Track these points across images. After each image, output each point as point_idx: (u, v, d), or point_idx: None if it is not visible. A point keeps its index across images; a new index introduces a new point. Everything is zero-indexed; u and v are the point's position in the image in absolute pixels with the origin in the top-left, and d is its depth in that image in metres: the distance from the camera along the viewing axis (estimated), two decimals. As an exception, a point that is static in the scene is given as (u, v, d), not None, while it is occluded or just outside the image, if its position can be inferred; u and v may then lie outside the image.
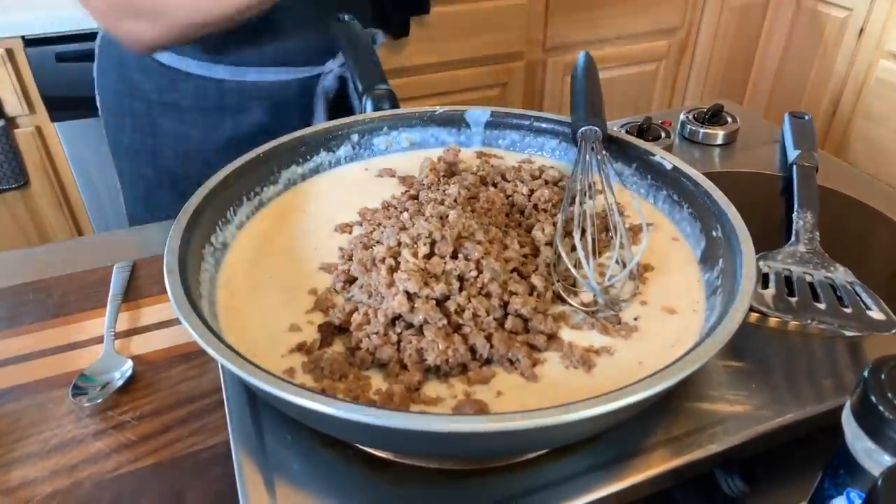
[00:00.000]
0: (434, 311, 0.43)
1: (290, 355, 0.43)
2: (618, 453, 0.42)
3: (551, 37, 1.81)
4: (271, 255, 0.52)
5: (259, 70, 0.79)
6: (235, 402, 0.44)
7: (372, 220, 0.55)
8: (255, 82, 0.79)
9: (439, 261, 0.46)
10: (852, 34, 1.77)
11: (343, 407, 0.33)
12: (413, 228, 0.49)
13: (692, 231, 0.53)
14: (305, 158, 0.61)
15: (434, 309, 0.43)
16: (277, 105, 0.81)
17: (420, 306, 0.43)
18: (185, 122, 0.81)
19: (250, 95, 0.80)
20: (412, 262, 0.45)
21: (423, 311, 0.43)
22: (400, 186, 0.60)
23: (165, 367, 0.53)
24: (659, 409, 0.44)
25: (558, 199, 0.57)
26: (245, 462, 0.41)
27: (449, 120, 0.66)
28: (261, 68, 0.78)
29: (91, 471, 0.45)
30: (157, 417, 0.49)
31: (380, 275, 0.45)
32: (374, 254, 0.48)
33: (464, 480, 0.41)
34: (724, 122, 0.79)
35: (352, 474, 0.41)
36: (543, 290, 0.47)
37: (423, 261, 0.46)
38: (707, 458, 0.42)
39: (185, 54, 0.78)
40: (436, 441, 0.36)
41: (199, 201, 0.50)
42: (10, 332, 0.56)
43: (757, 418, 0.44)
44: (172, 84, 0.80)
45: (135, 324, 0.57)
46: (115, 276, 0.61)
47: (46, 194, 1.47)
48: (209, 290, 0.47)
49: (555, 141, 0.64)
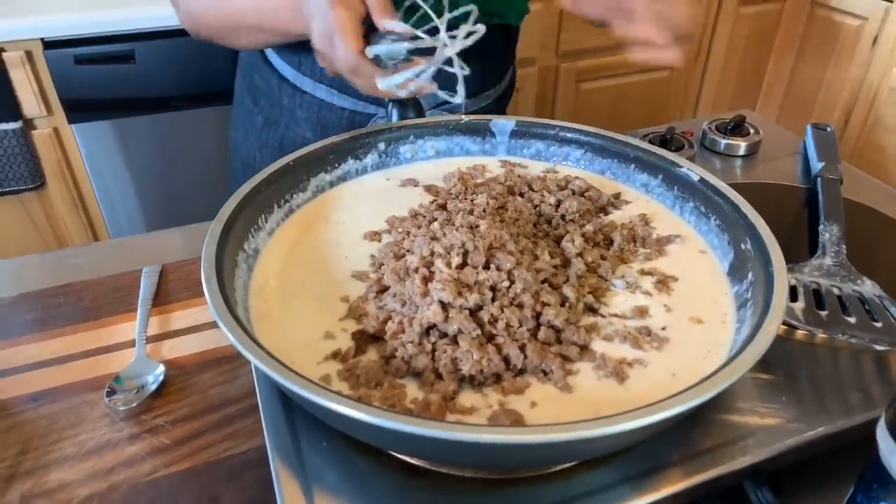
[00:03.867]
0: (468, 321, 0.43)
1: (325, 363, 0.43)
2: (649, 465, 0.42)
3: (564, 43, 1.81)
4: (302, 263, 0.52)
5: (315, 84, 0.78)
6: (270, 409, 0.45)
7: (401, 229, 0.55)
8: (310, 94, 0.79)
9: (472, 271, 0.47)
10: (866, 43, 1.77)
11: (387, 417, 0.33)
12: (445, 238, 0.49)
13: (720, 243, 0.53)
14: (333, 166, 0.62)
15: (468, 319, 0.44)
16: (324, 126, 0.80)
17: (454, 316, 0.43)
18: (256, 107, 0.83)
19: (301, 104, 0.80)
20: (446, 272, 0.46)
21: (458, 320, 0.43)
22: (425, 195, 0.61)
23: (196, 371, 0.54)
24: (690, 421, 0.45)
25: (586, 209, 0.57)
26: (282, 469, 0.41)
27: (474, 129, 0.67)
28: (317, 83, 0.78)
29: (127, 474, 0.46)
30: (189, 422, 0.49)
31: (414, 284, 0.46)
32: (408, 263, 0.48)
33: (497, 489, 0.41)
34: (746, 132, 0.79)
35: (388, 482, 0.41)
36: (575, 301, 0.47)
37: (456, 271, 0.46)
38: (738, 470, 0.43)
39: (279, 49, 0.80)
40: (474, 451, 0.36)
41: (232, 208, 0.50)
42: (43, 335, 0.57)
43: (788, 431, 0.44)
44: (253, 66, 0.83)
45: (165, 328, 0.58)
46: (144, 280, 0.62)
47: (62, 196, 1.48)
48: (243, 296, 0.48)
49: (580, 151, 0.65)
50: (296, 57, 0.77)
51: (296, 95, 0.79)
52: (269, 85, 0.81)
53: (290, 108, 0.80)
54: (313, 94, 0.78)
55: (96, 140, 1.46)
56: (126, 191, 1.54)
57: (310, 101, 0.79)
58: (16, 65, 1.31)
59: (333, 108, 0.78)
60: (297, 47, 0.76)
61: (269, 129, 0.83)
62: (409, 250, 0.51)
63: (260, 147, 0.84)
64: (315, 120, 0.79)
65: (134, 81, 1.42)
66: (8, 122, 1.35)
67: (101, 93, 1.42)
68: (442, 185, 0.62)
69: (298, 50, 0.77)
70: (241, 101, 0.87)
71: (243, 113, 0.86)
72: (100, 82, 1.40)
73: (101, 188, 1.52)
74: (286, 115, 0.81)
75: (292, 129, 0.81)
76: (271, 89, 0.81)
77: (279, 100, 0.81)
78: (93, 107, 1.42)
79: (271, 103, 0.82)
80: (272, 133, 0.83)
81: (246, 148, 0.87)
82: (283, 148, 0.82)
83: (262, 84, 0.82)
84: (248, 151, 0.86)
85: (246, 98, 0.85)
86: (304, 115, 0.80)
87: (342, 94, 0.78)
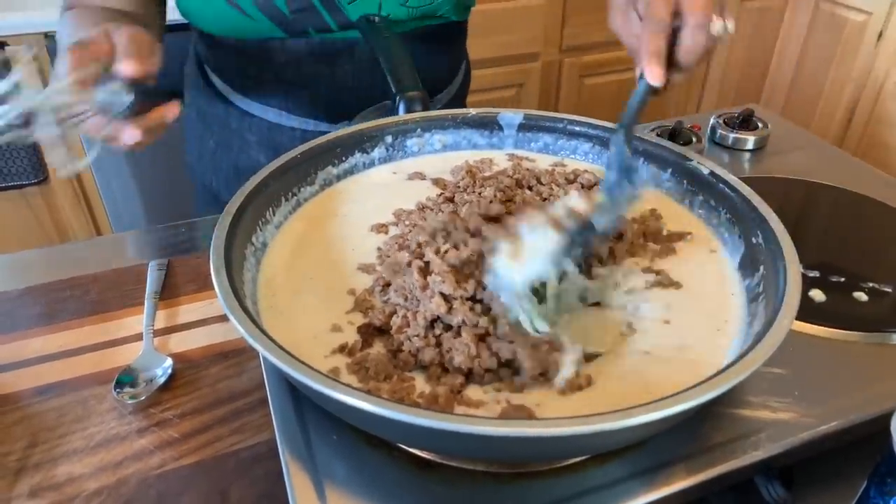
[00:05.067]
0: (471, 313, 0.43)
1: (333, 356, 0.43)
2: (660, 460, 0.42)
3: (568, 38, 1.81)
4: (309, 256, 0.52)
5: (263, 108, 0.76)
6: (279, 402, 0.45)
7: (408, 222, 0.55)
8: (259, 117, 0.77)
9: (456, 252, 0.46)
10: (871, 38, 1.76)
11: (401, 410, 0.33)
12: (426, 223, 0.49)
13: (730, 237, 0.53)
14: (341, 159, 0.61)
15: (472, 311, 0.43)
16: (277, 148, 0.78)
17: (458, 307, 0.43)
18: (208, 132, 0.81)
19: (251, 128, 0.77)
20: (438, 262, 0.45)
21: (462, 311, 0.43)
22: (433, 188, 0.61)
23: (204, 365, 0.53)
24: (701, 415, 0.44)
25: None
26: (292, 463, 0.41)
27: (481, 122, 0.66)
28: (265, 107, 0.76)
29: (136, 468, 0.45)
30: (198, 415, 0.49)
31: (412, 278, 0.46)
32: (398, 258, 0.48)
33: (508, 483, 0.41)
34: (754, 126, 0.79)
35: (398, 475, 0.41)
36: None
37: (447, 261, 0.46)
38: (749, 465, 0.42)
39: (208, 62, 0.78)
40: (487, 444, 0.36)
41: (241, 201, 0.50)
42: (50, 329, 0.57)
43: (801, 426, 0.44)
44: (199, 89, 0.80)
45: (172, 322, 0.58)
46: (150, 273, 0.62)
47: (65, 190, 1.48)
48: (252, 290, 0.48)
49: (588, 144, 0.64)
50: (240, 80, 0.75)
51: (244, 119, 0.77)
52: (217, 109, 0.79)
53: (239, 133, 0.78)
54: (262, 116, 0.76)
55: (99, 135, 1.45)
56: (129, 186, 1.54)
57: (259, 124, 0.77)
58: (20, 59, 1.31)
59: (284, 130, 0.77)
60: (241, 69, 0.74)
61: (221, 154, 0.81)
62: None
63: (214, 171, 0.82)
64: (267, 143, 0.77)
65: (137, 76, 1.41)
66: (11, 116, 1.34)
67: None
68: (450, 179, 0.62)
69: (241, 73, 0.75)
70: (192, 124, 0.84)
71: (195, 136, 0.84)
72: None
73: (104, 183, 1.51)
74: (237, 139, 0.78)
75: (245, 153, 0.79)
76: (219, 114, 0.79)
77: (228, 124, 0.78)
78: (96, 101, 1.42)
79: (221, 126, 0.79)
80: (225, 157, 0.80)
81: (201, 172, 0.84)
82: (239, 172, 0.80)
83: (210, 108, 0.80)
84: (203, 175, 0.84)
85: (196, 121, 0.83)
86: (255, 139, 0.78)
87: (291, 115, 0.76)
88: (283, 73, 0.73)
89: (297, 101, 0.75)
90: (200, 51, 0.80)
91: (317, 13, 0.69)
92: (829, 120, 1.92)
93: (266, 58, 0.73)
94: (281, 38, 0.71)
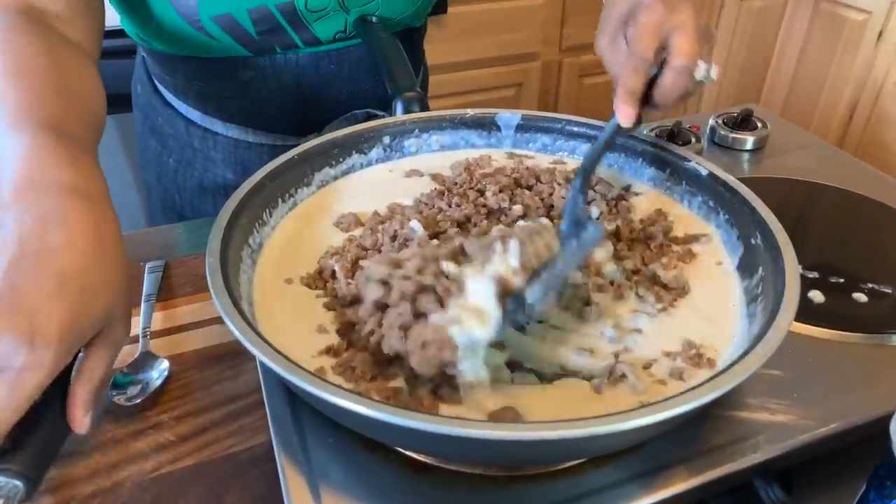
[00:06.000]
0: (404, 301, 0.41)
1: (320, 357, 0.43)
2: (658, 462, 0.42)
3: (567, 37, 1.80)
4: (299, 254, 0.52)
5: (226, 125, 0.75)
6: (276, 405, 0.44)
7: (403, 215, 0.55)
8: (222, 134, 0.75)
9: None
10: (871, 37, 1.76)
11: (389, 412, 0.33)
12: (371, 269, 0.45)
13: (728, 238, 0.53)
14: (338, 160, 0.61)
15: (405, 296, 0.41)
16: (244, 165, 0.76)
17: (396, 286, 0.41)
18: (166, 151, 0.79)
19: (215, 146, 0.76)
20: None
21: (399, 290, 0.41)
22: (431, 184, 0.60)
23: (200, 367, 0.53)
24: (699, 418, 0.44)
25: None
26: (288, 466, 0.41)
27: (479, 123, 0.66)
28: (228, 124, 0.75)
29: (131, 471, 0.45)
30: (194, 418, 0.49)
31: None
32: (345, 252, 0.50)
33: (505, 486, 0.41)
34: (753, 127, 0.78)
35: (394, 478, 0.41)
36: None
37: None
38: (748, 468, 0.42)
39: (163, 82, 0.76)
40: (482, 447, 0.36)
41: (236, 203, 0.50)
42: (46, 331, 0.56)
43: (800, 428, 0.43)
44: (153, 108, 0.78)
45: (168, 323, 0.57)
46: (147, 275, 0.62)
47: (64, 190, 1.48)
48: (248, 291, 0.47)
49: (586, 145, 0.64)
50: (199, 98, 0.74)
51: (207, 138, 0.75)
52: (176, 128, 0.76)
53: (203, 151, 0.76)
54: (226, 134, 0.75)
55: (97, 135, 1.45)
56: (127, 187, 1.54)
57: (223, 142, 0.75)
58: None
59: (251, 146, 0.75)
60: (200, 88, 0.72)
61: (184, 172, 0.78)
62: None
63: (178, 190, 0.80)
64: (233, 160, 0.76)
65: (136, 76, 1.41)
66: (9, 116, 1.34)
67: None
68: (448, 175, 0.62)
69: (201, 91, 0.73)
70: (146, 142, 0.81)
71: (151, 155, 0.81)
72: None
73: (102, 184, 1.51)
74: (200, 158, 0.77)
75: (210, 171, 0.77)
76: (179, 132, 0.76)
77: (189, 142, 0.76)
78: (94, 102, 1.42)
79: (181, 145, 0.77)
80: (188, 175, 0.78)
81: (162, 191, 0.82)
82: (205, 189, 0.78)
83: (168, 127, 0.77)
84: (164, 194, 0.81)
85: (151, 140, 0.80)
86: (220, 157, 0.76)
87: (257, 131, 0.75)
88: (246, 90, 0.72)
89: (262, 117, 0.74)
90: (154, 70, 0.77)
91: (283, 32, 0.68)
92: (828, 120, 1.91)
93: (228, 75, 0.71)
94: (244, 56, 0.70)
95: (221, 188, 0.77)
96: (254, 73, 0.71)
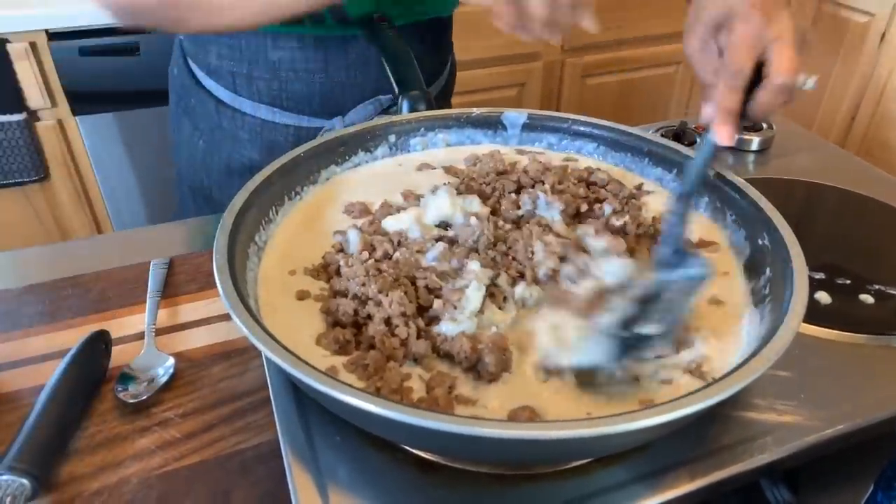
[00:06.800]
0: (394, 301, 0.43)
1: (324, 350, 0.42)
2: (666, 462, 0.42)
3: (569, 38, 1.80)
4: (303, 248, 0.52)
5: (254, 105, 0.75)
6: (282, 403, 0.44)
7: None
8: (251, 115, 0.76)
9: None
10: (874, 40, 1.76)
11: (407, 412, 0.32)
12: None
13: (736, 239, 0.52)
14: (344, 158, 0.61)
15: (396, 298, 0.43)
16: (270, 146, 0.78)
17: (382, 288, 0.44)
18: (196, 132, 0.80)
19: (243, 126, 0.77)
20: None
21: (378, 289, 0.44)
22: (444, 177, 0.60)
23: (206, 364, 0.53)
24: (707, 418, 0.44)
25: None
26: (295, 464, 0.41)
27: (485, 122, 0.66)
28: (256, 104, 0.75)
29: (137, 468, 0.45)
30: (200, 415, 0.49)
31: None
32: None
33: (513, 485, 0.41)
34: (759, 127, 0.78)
35: (402, 477, 0.41)
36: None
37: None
38: (756, 468, 0.42)
39: (197, 61, 0.77)
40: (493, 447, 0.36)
41: (242, 200, 0.50)
42: (51, 327, 0.56)
43: (807, 429, 0.43)
44: (187, 89, 0.79)
45: (174, 321, 0.57)
46: (152, 272, 0.61)
47: (66, 188, 1.47)
48: (254, 288, 0.47)
49: (593, 144, 0.64)
50: (230, 78, 0.75)
51: (236, 118, 0.76)
52: (207, 108, 0.78)
53: (231, 131, 0.77)
54: (254, 114, 0.76)
55: (100, 132, 1.45)
56: (129, 183, 1.54)
57: (251, 123, 0.76)
58: (20, 56, 1.30)
59: (277, 127, 0.76)
60: (231, 67, 0.73)
61: (212, 154, 0.80)
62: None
63: (207, 172, 0.81)
64: (260, 141, 0.77)
65: (138, 74, 1.41)
66: (12, 113, 1.34)
67: (106, 85, 1.41)
68: (462, 168, 0.61)
69: (233, 70, 0.74)
70: (180, 125, 0.83)
71: (183, 138, 0.83)
72: (104, 74, 1.39)
73: (104, 181, 1.51)
74: (228, 138, 0.78)
75: (237, 152, 0.78)
76: (209, 113, 0.78)
77: (219, 123, 0.77)
78: (97, 99, 1.42)
79: (211, 127, 0.78)
80: (216, 157, 0.80)
81: (191, 174, 0.83)
82: (232, 171, 0.79)
83: (199, 107, 0.78)
84: (194, 177, 0.83)
85: (184, 122, 0.82)
86: (247, 137, 0.77)
87: (285, 112, 0.75)
88: (275, 70, 0.73)
89: (289, 97, 0.75)
90: (189, 49, 0.78)
91: None
92: (830, 121, 1.91)
93: (258, 55, 0.72)
94: (273, 35, 0.70)
95: (247, 169, 0.78)
96: (282, 54, 0.72)
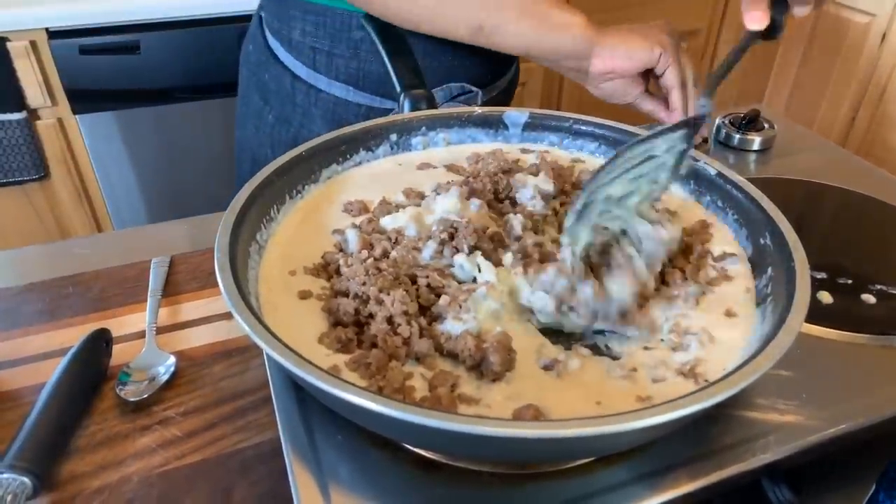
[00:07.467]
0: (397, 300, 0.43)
1: (326, 349, 0.42)
2: (667, 462, 0.42)
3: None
4: (304, 247, 0.52)
5: (330, 83, 0.78)
6: (284, 401, 0.44)
7: None
8: (325, 91, 0.78)
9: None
10: (875, 40, 1.76)
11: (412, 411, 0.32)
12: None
13: (737, 238, 0.52)
14: (345, 157, 0.61)
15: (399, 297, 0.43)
16: (341, 123, 0.77)
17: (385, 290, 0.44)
18: (267, 106, 0.83)
19: (316, 102, 0.79)
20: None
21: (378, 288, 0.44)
22: (447, 175, 0.60)
23: (207, 363, 0.53)
24: (708, 417, 0.44)
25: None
26: (296, 463, 0.41)
27: (486, 121, 0.66)
28: (333, 81, 0.77)
29: (138, 466, 0.45)
30: (201, 414, 0.49)
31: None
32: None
33: (515, 484, 0.41)
34: (760, 127, 0.78)
35: (403, 475, 0.41)
36: None
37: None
38: (757, 468, 0.42)
39: (279, 36, 0.79)
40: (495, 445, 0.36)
41: (244, 199, 0.49)
42: (52, 326, 0.56)
43: (809, 428, 0.43)
44: (262, 65, 0.82)
45: (175, 319, 0.57)
46: (153, 270, 0.61)
47: (66, 187, 1.47)
48: (255, 287, 0.47)
49: (594, 144, 0.64)
50: (311, 55, 0.77)
51: (310, 94, 0.78)
52: (281, 83, 0.80)
53: (304, 107, 0.80)
54: (328, 91, 0.78)
55: (100, 131, 1.45)
56: (130, 182, 1.54)
57: (325, 99, 0.78)
58: (20, 55, 1.30)
59: (350, 105, 0.78)
60: (314, 43, 0.76)
61: (281, 127, 0.82)
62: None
63: (272, 145, 0.84)
64: (331, 117, 0.79)
65: (139, 72, 1.41)
66: (12, 112, 1.34)
67: (106, 83, 1.41)
68: (464, 166, 0.61)
69: (314, 46, 0.76)
70: (249, 98, 0.86)
71: (251, 111, 0.85)
72: (105, 73, 1.39)
73: (104, 179, 1.51)
74: (300, 113, 0.80)
75: (306, 127, 0.80)
76: (283, 87, 0.80)
77: (292, 98, 0.80)
78: (97, 97, 1.42)
79: (283, 101, 0.81)
80: (285, 130, 0.82)
81: (256, 145, 0.86)
82: (297, 145, 0.81)
83: (273, 83, 0.81)
84: (258, 149, 0.85)
85: (254, 96, 0.84)
86: (319, 113, 0.79)
87: (358, 91, 0.77)
88: (356, 50, 0.75)
89: (366, 77, 0.77)
90: (272, 25, 0.80)
91: None
92: (831, 121, 1.91)
93: (341, 33, 0.74)
94: (358, 15, 0.72)
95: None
96: (364, 34, 0.73)
